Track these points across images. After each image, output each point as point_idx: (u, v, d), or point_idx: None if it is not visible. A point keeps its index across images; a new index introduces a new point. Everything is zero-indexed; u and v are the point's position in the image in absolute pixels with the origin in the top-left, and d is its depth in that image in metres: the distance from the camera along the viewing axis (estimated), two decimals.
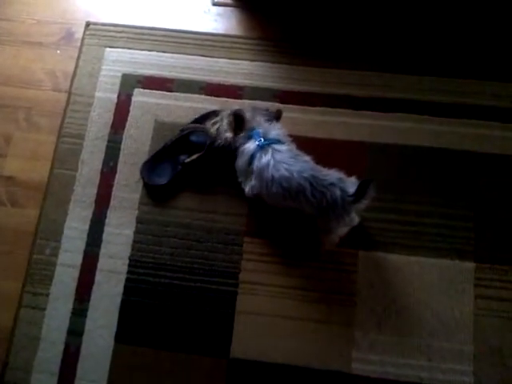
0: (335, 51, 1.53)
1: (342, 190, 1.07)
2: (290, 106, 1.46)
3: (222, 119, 1.25)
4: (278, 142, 1.17)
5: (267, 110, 1.28)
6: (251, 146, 1.18)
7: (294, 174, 1.10)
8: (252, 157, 1.17)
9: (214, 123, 1.27)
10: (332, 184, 1.08)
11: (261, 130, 1.19)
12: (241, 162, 1.22)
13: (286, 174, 1.11)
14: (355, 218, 1.16)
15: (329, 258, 1.30)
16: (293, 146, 1.20)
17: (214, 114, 1.34)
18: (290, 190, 1.12)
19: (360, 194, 1.05)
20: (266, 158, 1.14)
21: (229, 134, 1.23)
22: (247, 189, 1.23)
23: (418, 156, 1.40)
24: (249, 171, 1.20)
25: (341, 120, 1.45)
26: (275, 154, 1.14)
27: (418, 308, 1.25)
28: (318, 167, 1.14)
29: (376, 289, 1.27)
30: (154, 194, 1.39)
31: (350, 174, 1.13)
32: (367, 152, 1.40)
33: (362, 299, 1.26)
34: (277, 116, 1.25)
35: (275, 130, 1.20)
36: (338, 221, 1.10)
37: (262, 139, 1.17)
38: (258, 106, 1.29)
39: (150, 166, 1.40)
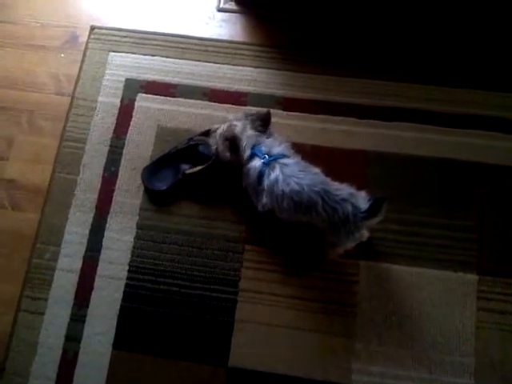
0: (339, 59, 1.53)
1: (354, 206, 1.05)
2: (293, 113, 1.46)
3: (217, 141, 1.25)
4: (283, 156, 1.15)
5: (256, 113, 1.26)
6: (256, 164, 1.16)
7: (305, 187, 1.09)
8: (260, 175, 1.15)
9: (215, 143, 1.26)
10: (344, 199, 1.06)
11: (263, 148, 1.17)
12: (250, 181, 1.19)
13: (297, 187, 1.09)
14: (365, 234, 1.15)
15: (330, 268, 1.29)
16: (299, 158, 1.18)
17: (208, 132, 1.33)
18: (301, 204, 1.10)
19: (373, 211, 1.04)
20: (274, 174, 1.12)
21: (228, 154, 1.22)
22: (259, 207, 1.20)
23: (420, 166, 1.39)
24: (259, 190, 1.17)
25: (343, 128, 1.44)
26: (284, 169, 1.12)
27: (420, 320, 1.24)
28: (329, 180, 1.12)
29: (377, 300, 1.26)
30: (155, 198, 1.38)
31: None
32: (369, 161, 1.40)
33: (363, 310, 1.25)
34: (266, 118, 1.23)
35: (278, 146, 1.18)
36: (347, 236, 1.09)
37: (267, 156, 1.15)
38: (250, 113, 1.27)
39: (152, 170, 1.40)
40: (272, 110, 1.41)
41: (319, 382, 1.20)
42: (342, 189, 1.09)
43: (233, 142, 1.20)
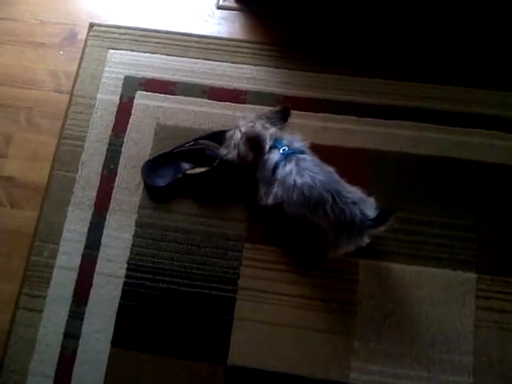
0: (339, 57, 1.52)
1: (362, 212, 1.05)
2: (293, 111, 1.42)
3: (239, 144, 1.21)
4: (302, 152, 1.15)
5: (271, 110, 1.24)
6: (275, 156, 1.15)
7: (317, 183, 1.08)
8: (276, 166, 1.15)
9: (234, 146, 1.23)
10: (354, 203, 1.06)
11: (285, 141, 1.17)
12: (264, 172, 1.18)
13: (309, 181, 1.09)
14: (366, 239, 1.14)
15: (331, 267, 1.29)
16: (315, 157, 1.17)
17: (223, 134, 1.30)
18: (310, 199, 1.09)
19: (380, 221, 1.04)
20: (289, 166, 1.12)
21: (251, 155, 1.19)
22: (270, 198, 1.19)
23: (420, 164, 1.39)
24: (272, 180, 1.16)
25: (343, 127, 1.44)
26: (299, 162, 1.12)
27: (419, 318, 1.24)
28: (342, 181, 1.12)
29: (377, 298, 1.26)
30: (154, 194, 1.38)
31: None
32: (369, 159, 1.39)
33: (363, 309, 1.25)
34: (285, 112, 1.22)
35: (299, 142, 1.18)
36: (349, 239, 1.09)
37: (287, 148, 1.15)
38: (261, 112, 1.26)
39: (153, 166, 1.39)
40: (272, 108, 1.42)
41: (318, 381, 1.20)
42: (354, 192, 1.09)
43: (255, 141, 1.17)
